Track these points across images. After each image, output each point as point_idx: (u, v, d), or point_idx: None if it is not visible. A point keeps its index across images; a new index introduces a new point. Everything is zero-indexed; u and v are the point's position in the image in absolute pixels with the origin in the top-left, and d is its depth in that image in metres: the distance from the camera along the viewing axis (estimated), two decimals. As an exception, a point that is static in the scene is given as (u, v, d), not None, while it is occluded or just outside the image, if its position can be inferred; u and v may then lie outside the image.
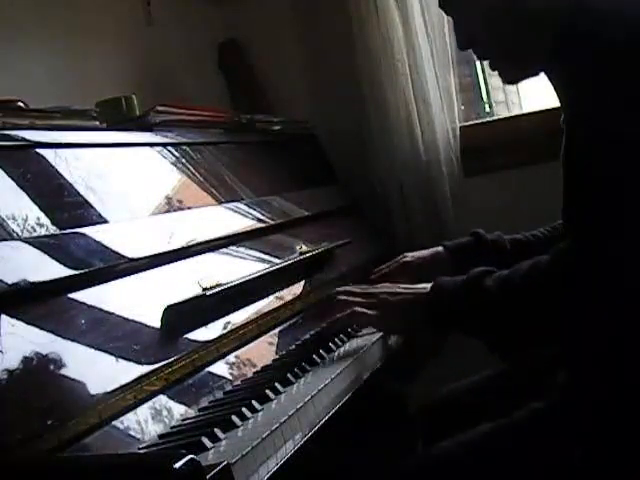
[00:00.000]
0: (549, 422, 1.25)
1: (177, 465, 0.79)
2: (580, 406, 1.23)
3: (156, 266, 1.29)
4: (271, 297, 1.49)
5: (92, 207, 1.26)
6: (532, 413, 1.28)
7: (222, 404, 1.14)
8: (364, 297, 1.40)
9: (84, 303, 1.11)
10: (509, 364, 1.51)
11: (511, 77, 1.34)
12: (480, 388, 1.53)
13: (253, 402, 1.08)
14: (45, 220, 1.15)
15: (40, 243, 1.11)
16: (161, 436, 1.03)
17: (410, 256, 1.70)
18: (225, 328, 1.31)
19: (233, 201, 1.66)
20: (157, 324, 1.19)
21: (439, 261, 1.68)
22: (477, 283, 1.26)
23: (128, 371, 1.07)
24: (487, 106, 2.59)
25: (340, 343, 1.42)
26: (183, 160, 1.60)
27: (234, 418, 1.03)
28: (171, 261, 1.33)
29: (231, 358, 1.28)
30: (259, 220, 1.69)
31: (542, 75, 1.31)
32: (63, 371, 0.99)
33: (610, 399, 1.19)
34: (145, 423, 1.04)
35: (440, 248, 1.70)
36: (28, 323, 1.00)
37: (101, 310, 1.12)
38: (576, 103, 1.19)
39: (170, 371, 1.13)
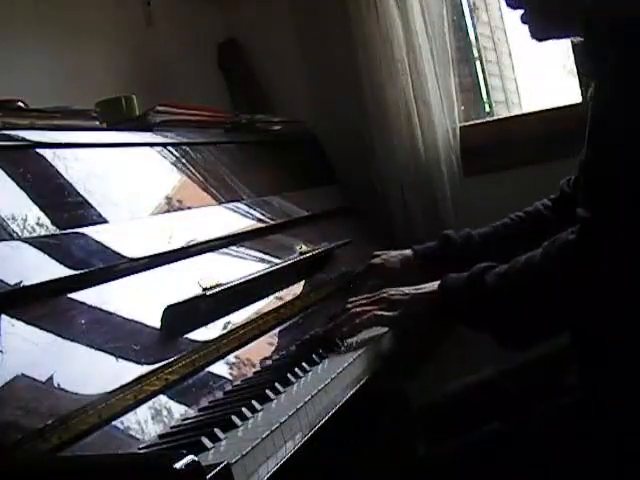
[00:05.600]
0: (557, 423, 1.24)
1: (177, 465, 0.79)
2: (589, 407, 1.22)
3: (156, 266, 1.29)
4: (271, 297, 1.49)
5: (92, 207, 1.26)
6: (540, 413, 1.27)
7: (222, 404, 1.14)
8: (375, 303, 1.41)
9: (84, 303, 1.11)
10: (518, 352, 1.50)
11: (539, 33, 1.28)
12: (484, 386, 1.52)
13: (253, 402, 1.08)
14: (45, 220, 1.15)
15: (40, 243, 1.11)
16: (161, 436, 1.03)
17: (380, 258, 1.71)
18: (225, 328, 1.31)
19: (233, 201, 1.66)
20: (157, 324, 1.19)
21: (407, 265, 1.69)
22: (478, 280, 1.27)
23: (128, 371, 1.07)
24: (487, 106, 2.59)
25: (340, 343, 1.42)
26: (183, 160, 1.60)
27: (234, 418, 1.03)
28: (171, 261, 1.33)
29: (231, 358, 1.28)
30: (259, 220, 1.69)
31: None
32: (63, 371, 0.99)
33: (620, 400, 1.19)
34: (145, 423, 1.04)
35: (409, 251, 1.71)
36: (28, 323, 1.00)
37: (101, 310, 1.12)
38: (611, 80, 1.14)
39: (170, 371, 1.13)
